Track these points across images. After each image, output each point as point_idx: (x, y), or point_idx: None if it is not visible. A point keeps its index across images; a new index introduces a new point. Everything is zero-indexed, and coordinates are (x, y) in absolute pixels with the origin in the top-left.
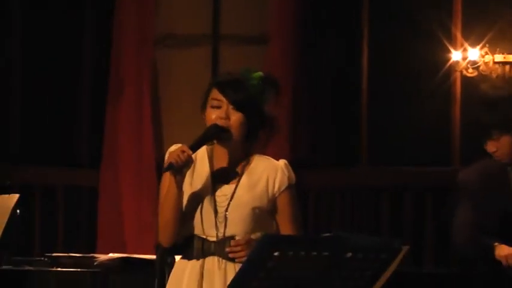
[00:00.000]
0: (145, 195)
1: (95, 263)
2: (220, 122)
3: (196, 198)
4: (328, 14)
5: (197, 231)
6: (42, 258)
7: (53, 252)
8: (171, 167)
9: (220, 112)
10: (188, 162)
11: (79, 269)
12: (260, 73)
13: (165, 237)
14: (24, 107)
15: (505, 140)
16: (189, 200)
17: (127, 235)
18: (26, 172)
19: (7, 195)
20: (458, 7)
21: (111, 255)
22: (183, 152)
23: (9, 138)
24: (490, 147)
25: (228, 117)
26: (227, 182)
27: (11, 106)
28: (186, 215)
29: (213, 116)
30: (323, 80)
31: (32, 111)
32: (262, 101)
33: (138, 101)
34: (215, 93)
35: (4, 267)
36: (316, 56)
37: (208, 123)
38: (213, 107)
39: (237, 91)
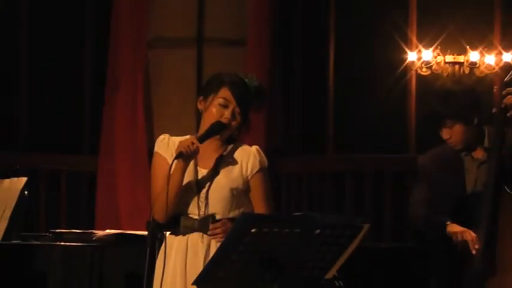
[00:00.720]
0: (139, 179)
1: (94, 238)
2: (224, 120)
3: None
4: (298, 19)
5: (182, 210)
6: (47, 234)
7: (56, 229)
8: (181, 155)
9: (228, 112)
10: (196, 153)
11: (80, 243)
12: (258, 83)
13: (165, 215)
14: (32, 101)
15: (457, 128)
16: None
17: (122, 214)
18: (33, 158)
19: (16, 178)
20: (413, 14)
21: (108, 231)
22: (193, 143)
23: (19, 128)
24: (445, 134)
25: (234, 118)
26: (207, 167)
27: (21, 100)
28: None
29: (219, 113)
30: (294, 77)
31: (38, 105)
32: (253, 105)
33: (132, 96)
34: (225, 93)
35: (13, 241)
36: (287, 56)
37: (210, 117)
38: (220, 104)
39: (245, 96)
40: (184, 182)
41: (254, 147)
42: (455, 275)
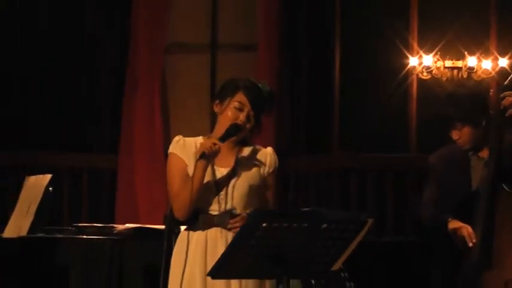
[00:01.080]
0: (156, 176)
1: (114, 232)
2: (239, 122)
3: None
4: (306, 26)
5: (201, 207)
6: (70, 228)
7: (79, 223)
8: (204, 155)
9: (243, 115)
10: (217, 153)
11: (100, 237)
12: (270, 88)
13: (187, 212)
14: (56, 104)
15: (466, 130)
16: None
17: (140, 209)
18: (58, 157)
19: (41, 176)
20: (414, 21)
21: (127, 225)
22: (215, 144)
23: (48, 129)
24: (454, 135)
25: (249, 121)
26: (225, 166)
27: (48, 103)
28: None
29: (235, 116)
30: (302, 81)
31: (63, 107)
32: (265, 109)
33: (150, 98)
34: (241, 97)
35: (39, 234)
36: (296, 61)
37: (226, 119)
38: (236, 108)
39: (258, 100)
40: (204, 180)
41: (269, 149)
42: (455, 270)
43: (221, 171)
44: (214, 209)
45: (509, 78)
